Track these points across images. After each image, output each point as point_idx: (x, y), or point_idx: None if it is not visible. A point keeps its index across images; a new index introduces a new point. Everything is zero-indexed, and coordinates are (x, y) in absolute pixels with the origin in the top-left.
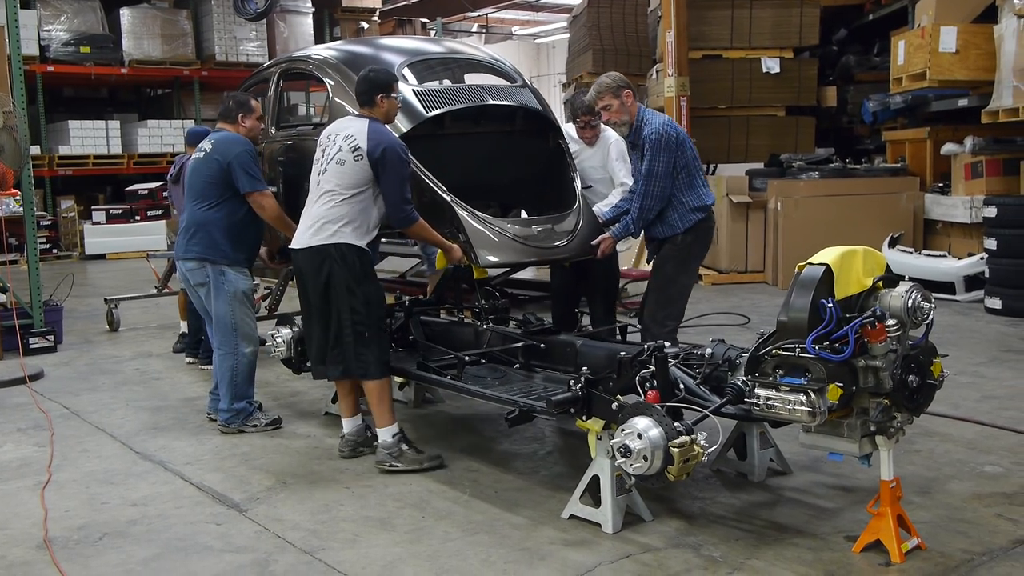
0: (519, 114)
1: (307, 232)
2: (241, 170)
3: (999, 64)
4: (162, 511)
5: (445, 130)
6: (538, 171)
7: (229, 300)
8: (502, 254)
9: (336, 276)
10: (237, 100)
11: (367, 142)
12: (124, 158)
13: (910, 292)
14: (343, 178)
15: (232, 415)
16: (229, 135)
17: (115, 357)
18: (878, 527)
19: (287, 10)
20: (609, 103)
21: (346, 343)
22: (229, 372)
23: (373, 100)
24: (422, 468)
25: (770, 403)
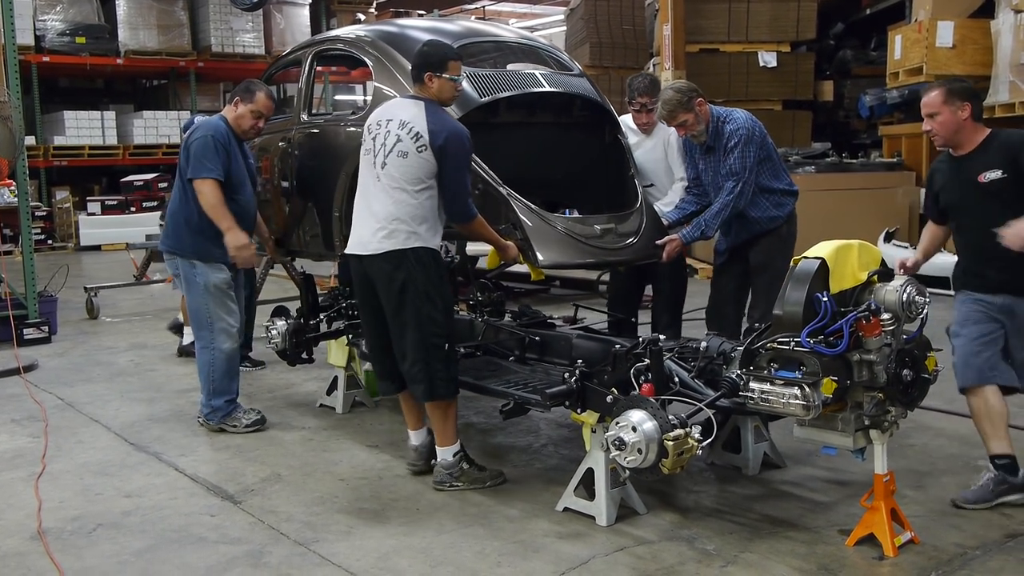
0: (576, 104)
1: (373, 234)
2: (193, 155)
3: (996, 59)
4: (156, 502)
5: (498, 119)
6: (594, 167)
7: (202, 294)
8: (562, 254)
9: (415, 283)
10: (245, 84)
11: (428, 129)
12: (119, 149)
13: (905, 286)
14: (409, 172)
15: (211, 412)
16: (209, 120)
17: (110, 348)
18: (871, 521)
19: (284, 1)
20: (684, 119)
21: (428, 358)
22: (206, 368)
23: (420, 78)
24: (484, 487)
25: (764, 397)
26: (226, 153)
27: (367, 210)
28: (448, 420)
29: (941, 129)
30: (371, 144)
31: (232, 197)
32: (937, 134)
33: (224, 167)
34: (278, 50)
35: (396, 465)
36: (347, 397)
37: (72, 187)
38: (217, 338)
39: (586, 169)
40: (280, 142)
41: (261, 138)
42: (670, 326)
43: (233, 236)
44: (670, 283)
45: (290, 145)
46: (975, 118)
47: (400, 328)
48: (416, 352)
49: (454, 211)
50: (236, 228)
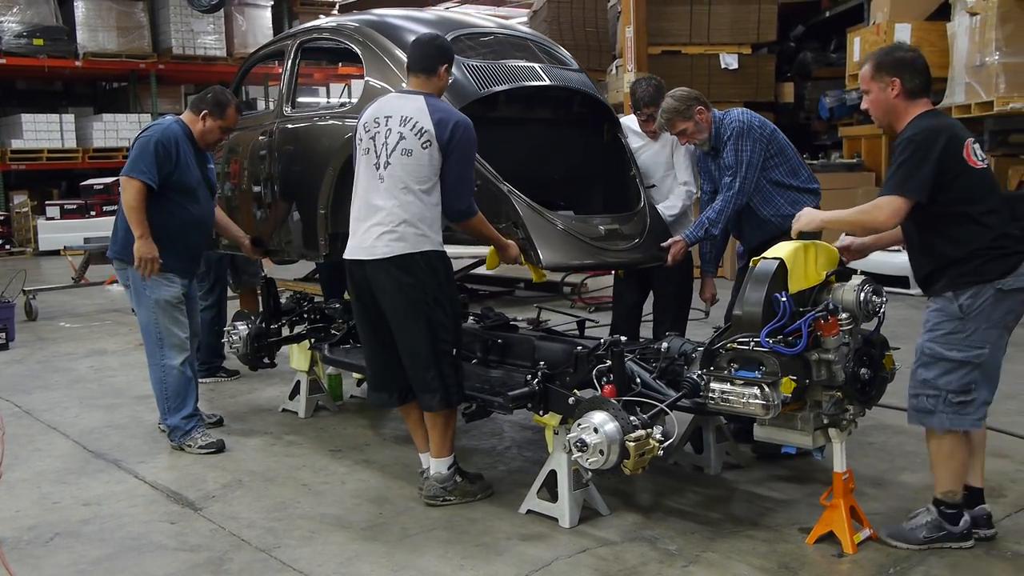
0: (576, 100)
1: (378, 238)
2: (130, 155)
3: (952, 61)
4: (115, 510)
5: (496, 113)
6: (593, 166)
7: (151, 308)
8: (566, 254)
9: (423, 289)
10: (215, 98)
11: (433, 123)
12: (79, 152)
13: (862, 286)
14: (415, 170)
15: (171, 431)
16: (162, 122)
17: (69, 355)
18: (831, 519)
19: (245, 3)
20: (683, 127)
21: (441, 365)
22: (158, 385)
23: (436, 70)
24: (475, 499)
25: (725, 397)
26: (171, 159)
27: (369, 213)
28: (449, 430)
29: (872, 108)
30: (370, 144)
31: (181, 203)
32: (872, 114)
33: (164, 173)
34: (240, 52)
35: (359, 469)
36: (310, 401)
37: (30, 191)
38: (167, 354)
39: (584, 168)
40: (260, 136)
41: (234, 133)
42: (674, 330)
43: (143, 244)
44: (674, 285)
45: (271, 139)
46: (909, 95)
47: (409, 336)
48: (429, 359)
49: (456, 208)
50: (147, 237)
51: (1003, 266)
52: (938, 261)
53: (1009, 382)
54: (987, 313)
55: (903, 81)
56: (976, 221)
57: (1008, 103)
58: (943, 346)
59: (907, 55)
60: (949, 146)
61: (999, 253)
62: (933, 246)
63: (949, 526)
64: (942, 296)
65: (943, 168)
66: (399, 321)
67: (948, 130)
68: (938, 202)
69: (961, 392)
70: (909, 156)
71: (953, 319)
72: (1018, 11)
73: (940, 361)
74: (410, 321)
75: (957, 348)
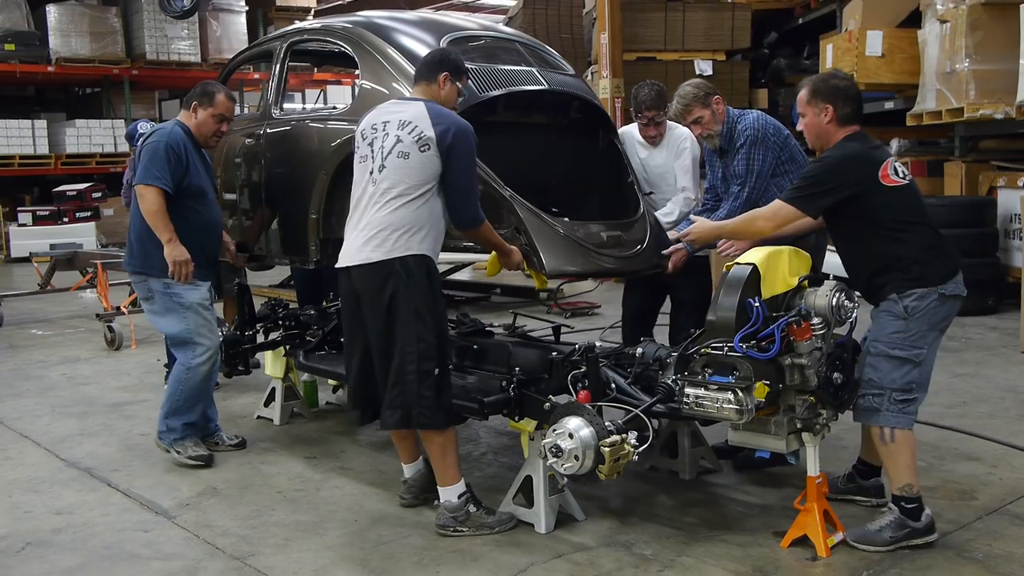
0: (574, 105)
1: (361, 243)
2: (142, 161)
3: (923, 68)
4: (88, 519)
5: (493, 117)
6: (589, 172)
7: (183, 314)
8: (570, 261)
9: (401, 297)
10: (203, 87)
11: (433, 127)
12: (51, 158)
13: (834, 291)
14: (409, 174)
15: (165, 431)
16: (164, 126)
17: (41, 362)
18: (804, 522)
19: (220, 8)
20: (700, 115)
21: (408, 382)
22: (176, 384)
23: (434, 77)
24: (493, 532)
25: (699, 401)
26: (181, 162)
27: (359, 221)
28: (448, 455)
29: (806, 131)
30: (367, 150)
31: (193, 208)
32: (807, 136)
33: (177, 177)
34: (214, 58)
35: (334, 476)
36: (285, 408)
37: (2, 197)
38: (198, 358)
39: (581, 174)
40: (247, 139)
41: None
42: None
43: (172, 248)
44: (693, 294)
45: (258, 142)
46: (840, 121)
47: (385, 348)
48: (397, 375)
49: (464, 216)
50: (176, 240)
51: (943, 270)
52: (877, 271)
53: (981, 386)
54: (929, 316)
55: (835, 108)
56: (905, 233)
57: (978, 109)
58: (887, 345)
59: (842, 83)
60: (861, 168)
61: (935, 259)
62: (866, 258)
63: (912, 522)
64: (887, 299)
65: (855, 191)
66: (376, 331)
67: (863, 153)
68: (863, 217)
69: (904, 390)
70: (815, 173)
71: (898, 319)
72: (987, 19)
73: (885, 359)
74: (386, 332)
75: (900, 347)
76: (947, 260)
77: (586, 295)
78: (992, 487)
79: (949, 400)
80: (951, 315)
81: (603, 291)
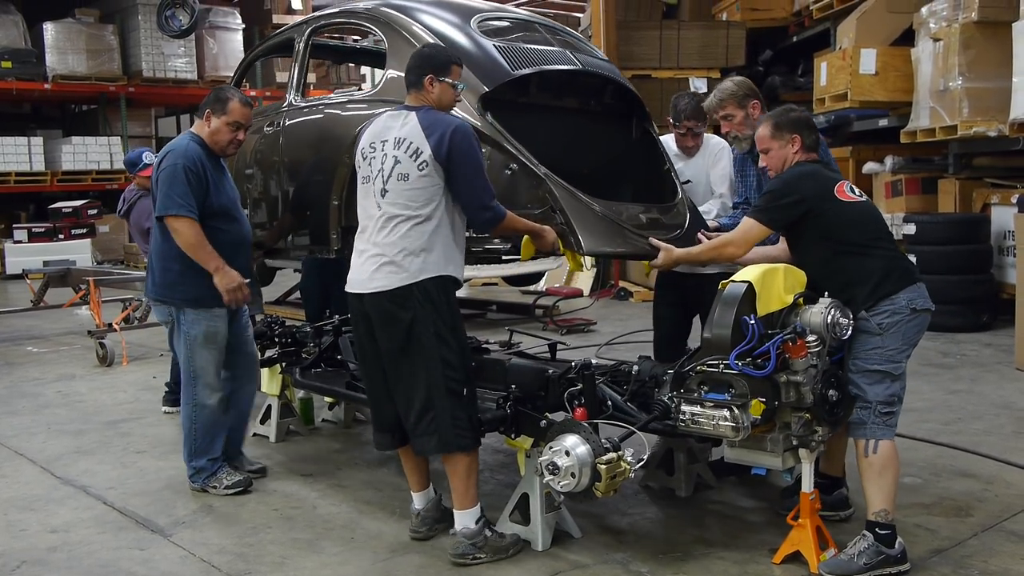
0: (608, 89)
1: (373, 269)
2: (160, 188)
3: (916, 86)
4: (83, 537)
5: (526, 99)
6: (625, 159)
7: (188, 344)
8: (607, 240)
9: (421, 324)
10: (216, 94)
11: (427, 141)
12: (47, 175)
13: (829, 308)
14: (412, 196)
15: (194, 472)
16: (173, 144)
17: (37, 379)
18: (798, 538)
19: (216, 26)
20: (732, 114)
21: (440, 407)
22: (187, 423)
23: (420, 82)
24: (507, 556)
25: (695, 419)
26: (202, 183)
27: (368, 243)
28: (470, 477)
29: (772, 163)
30: (368, 171)
31: (219, 227)
32: (771, 169)
33: (199, 199)
34: (211, 75)
35: (331, 493)
36: (281, 425)
37: None
38: (201, 392)
39: (615, 162)
40: (266, 128)
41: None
42: None
43: (222, 277)
44: None
45: (278, 130)
46: (806, 150)
47: (407, 375)
48: (427, 401)
49: (483, 218)
50: (224, 268)
51: (905, 282)
52: (840, 286)
53: (976, 403)
54: (903, 331)
55: (803, 137)
56: (864, 247)
57: (971, 127)
58: (866, 361)
59: (803, 115)
60: (817, 183)
61: (896, 271)
62: (829, 274)
63: (886, 549)
64: (857, 317)
65: (812, 204)
66: (394, 357)
67: (818, 171)
68: (820, 233)
69: (887, 403)
70: (774, 188)
71: (873, 335)
72: (980, 37)
73: (864, 375)
74: (406, 359)
75: (877, 363)
76: (908, 274)
77: (582, 312)
78: (988, 504)
79: (944, 417)
80: (923, 329)
81: (599, 308)
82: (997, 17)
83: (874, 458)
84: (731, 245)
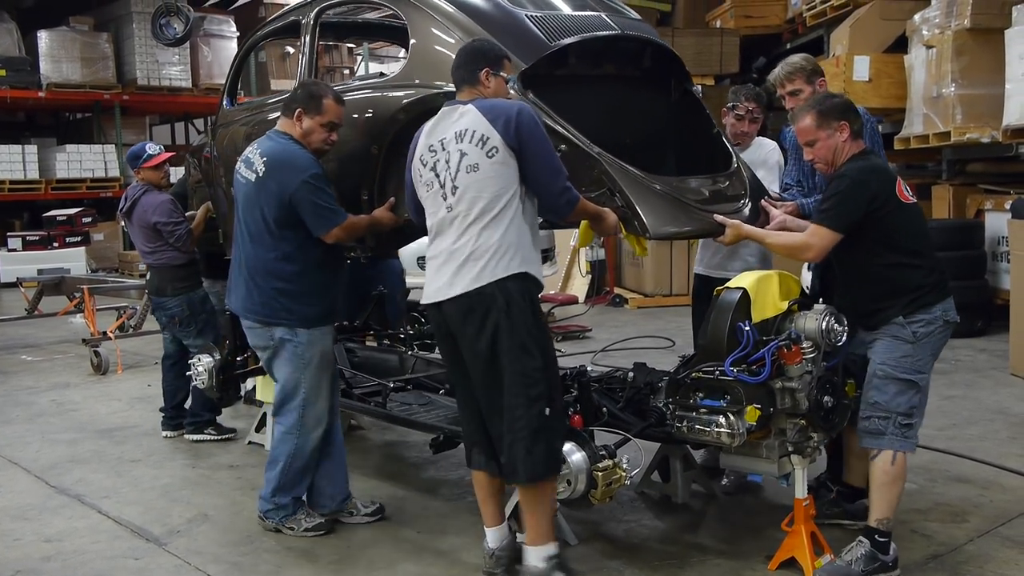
0: (647, 53)
1: (451, 275)
2: (309, 207)
3: (910, 93)
4: (78, 546)
5: (566, 70)
6: (668, 127)
7: (300, 368)
8: (673, 221)
9: (504, 332)
10: (308, 90)
11: (492, 126)
12: (42, 183)
13: (824, 315)
14: (484, 187)
15: (274, 508)
16: (285, 151)
17: (31, 388)
18: (792, 545)
19: (211, 34)
20: (799, 88)
21: (526, 429)
22: (286, 457)
23: (475, 77)
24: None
25: (690, 425)
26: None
27: (440, 251)
28: (547, 507)
29: (821, 155)
30: (431, 176)
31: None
32: (819, 161)
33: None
34: (205, 83)
35: None
36: None
37: None
38: (309, 421)
39: (660, 129)
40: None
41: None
42: None
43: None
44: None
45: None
46: (855, 136)
47: (491, 391)
48: (512, 422)
49: (559, 203)
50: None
51: (943, 294)
52: (884, 291)
53: (971, 408)
54: (933, 342)
55: (850, 123)
56: (916, 253)
57: (965, 133)
58: (895, 368)
59: (843, 100)
60: (882, 181)
61: (938, 281)
62: (878, 278)
63: (881, 556)
64: (892, 323)
65: (877, 204)
66: (479, 372)
67: (882, 166)
68: (878, 234)
69: (907, 415)
70: (841, 189)
71: (906, 343)
72: (973, 44)
73: (892, 382)
74: (489, 373)
75: (906, 371)
76: (944, 285)
77: (577, 318)
78: (983, 509)
79: (940, 422)
80: (947, 341)
81: (594, 315)
82: (989, 24)
83: (890, 469)
84: (809, 251)
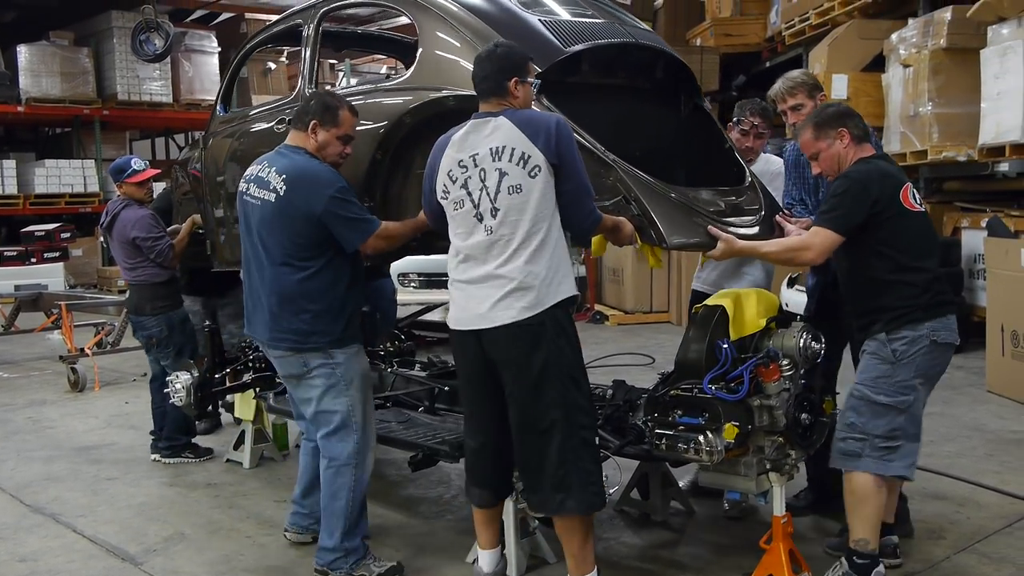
0: (659, 64)
1: (497, 299)
2: (341, 221)
3: (887, 111)
4: (53, 566)
5: (578, 77)
6: (679, 139)
7: (343, 391)
8: (691, 231)
9: (554, 363)
10: (322, 101)
11: (532, 143)
12: (20, 199)
13: (802, 332)
14: (527, 210)
15: (341, 556)
16: (306, 168)
17: (6, 405)
18: (770, 562)
19: (192, 49)
20: (802, 103)
21: (574, 461)
22: (347, 496)
23: (503, 87)
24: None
25: (669, 443)
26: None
27: (479, 273)
28: (590, 538)
29: (826, 165)
30: (462, 194)
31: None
32: (826, 172)
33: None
34: (186, 98)
35: None
36: (254, 451)
37: None
38: (366, 452)
39: (670, 142)
40: (276, 126)
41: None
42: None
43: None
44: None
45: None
46: (857, 140)
47: (539, 424)
48: (564, 453)
49: (587, 224)
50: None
51: (936, 311)
52: (874, 302)
53: (948, 425)
54: (918, 362)
55: (849, 129)
56: (911, 265)
57: (941, 152)
58: (872, 390)
59: (842, 108)
60: (885, 185)
61: (932, 298)
62: (869, 287)
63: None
64: (875, 339)
65: (879, 208)
66: (522, 404)
67: (887, 170)
68: (874, 241)
69: (887, 438)
70: (843, 189)
71: (885, 363)
72: (949, 64)
73: (868, 404)
74: (537, 405)
75: (885, 393)
76: (939, 303)
77: None
78: (960, 526)
79: None
80: (943, 364)
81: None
82: (965, 44)
83: (859, 488)
84: (809, 251)
